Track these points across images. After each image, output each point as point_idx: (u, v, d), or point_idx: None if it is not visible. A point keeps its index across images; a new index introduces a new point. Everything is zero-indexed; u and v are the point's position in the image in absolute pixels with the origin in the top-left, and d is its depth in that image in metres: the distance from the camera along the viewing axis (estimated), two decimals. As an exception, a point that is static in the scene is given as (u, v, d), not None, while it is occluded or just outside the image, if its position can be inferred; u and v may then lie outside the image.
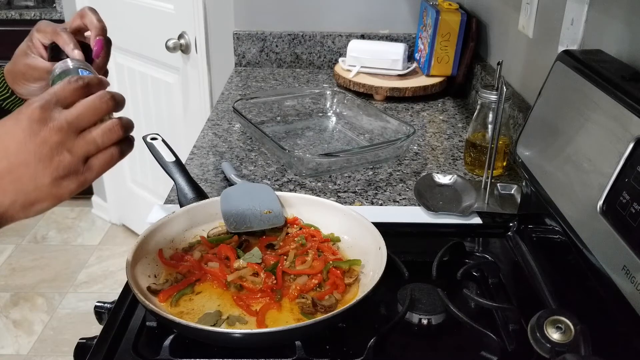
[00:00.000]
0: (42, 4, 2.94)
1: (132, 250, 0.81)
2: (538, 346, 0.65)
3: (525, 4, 1.30)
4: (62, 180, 0.57)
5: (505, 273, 0.88)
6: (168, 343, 0.75)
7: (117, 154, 0.61)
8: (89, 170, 0.59)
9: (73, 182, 0.58)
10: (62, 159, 0.57)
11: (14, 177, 0.55)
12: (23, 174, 0.55)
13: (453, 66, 1.70)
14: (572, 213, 0.75)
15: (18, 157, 0.55)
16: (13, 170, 0.55)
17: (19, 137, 0.55)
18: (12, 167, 0.55)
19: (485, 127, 1.18)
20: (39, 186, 0.56)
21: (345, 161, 1.21)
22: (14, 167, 0.55)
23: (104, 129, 0.59)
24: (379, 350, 0.72)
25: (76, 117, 0.58)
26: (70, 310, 2.51)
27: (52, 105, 0.57)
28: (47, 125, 0.56)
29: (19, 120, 0.56)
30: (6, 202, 0.56)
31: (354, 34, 1.92)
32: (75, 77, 0.61)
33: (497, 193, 1.09)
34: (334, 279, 0.81)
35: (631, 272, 0.62)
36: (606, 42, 0.94)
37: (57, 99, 0.58)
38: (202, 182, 1.16)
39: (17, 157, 0.55)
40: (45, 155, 0.56)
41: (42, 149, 0.56)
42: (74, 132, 0.58)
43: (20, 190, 0.56)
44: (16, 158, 0.55)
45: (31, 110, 0.56)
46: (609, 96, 0.72)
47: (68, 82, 0.60)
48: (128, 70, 2.47)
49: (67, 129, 0.57)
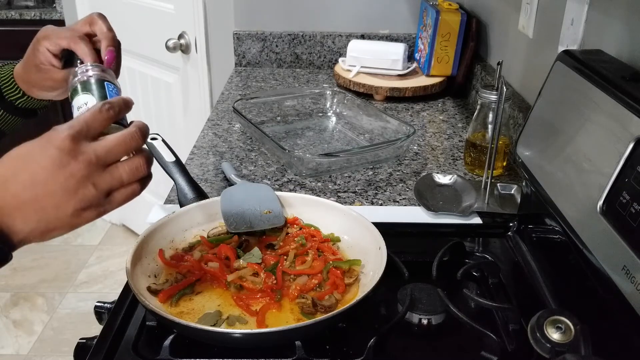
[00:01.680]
0: (42, 4, 2.94)
1: (132, 250, 0.81)
2: (538, 346, 0.65)
3: (525, 4, 1.30)
4: (84, 212, 0.58)
5: (505, 273, 0.88)
6: (168, 343, 0.75)
7: (138, 189, 0.62)
8: (109, 203, 0.60)
9: (93, 213, 0.59)
10: (87, 193, 0.57)
11: (39, 207, 0.56)
12: (47, 203, 0.56)
13: (453, 66, 1.70)
14: (572, 213, 0.75)
15: (45, 188, 0.55)
16: (39, 199, 0.55)
17: (47, 166, 0.55)
18: (37, 196, 0.55)
19: (485, 127, 1.18)
20: (61, 216, 0.57)
21: (345, 161, 1.21)
22: (40, 197, 0.56)
23: (131, 167, 0.60)
24: (379, 350, 0.72)
25: (106, 152, 0.58)
26: (70, 310, 2.51)
27: (83, 136, 0.57)
28: (77, 159, 0.56)
29: (48, 150, 0.56)
30: (27, 229, 0.56)
31: (354, 34, 1.92)
32: (107, 106, 0.60)
33: (497, 193, 1.09)
34: (334, 279, 0.81)
35: (631, 272, 0.62)
36: (606, 42, 0.94)
37: (87, 129, 0.58)
38: (202, 182, 1.16)
39: (44, 188, 0.55)
40: (71, 188, 0.56)
41: (69, 182, 0.56)
42: (102, 167, 0.58)
43: (42, 218, 0.56)
44: (43, 188, 0.55)
45: (61, 141, 0.56)
46: (609, 96, 0.72)
47: (99, 111, 0.59)
48: (128, 70, 2.47)
49: (95, 163, 0.57)
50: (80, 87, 0.71)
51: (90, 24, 0.82)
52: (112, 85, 0.72)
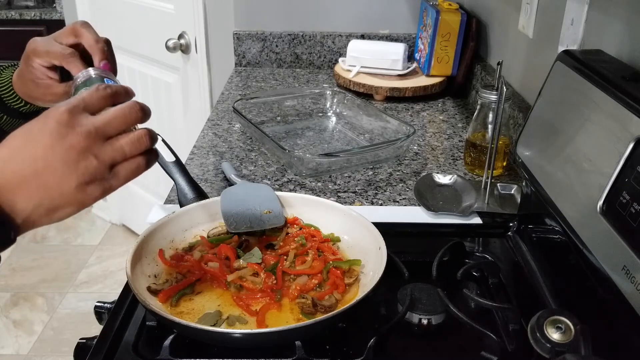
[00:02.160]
0: (42, 4, 2.94)
1: (132, 250, 0.81)
2: (538, 346, 0.65)
3: (525, 4, 1.30)
4: (87, 186, 0.56)
5: (505, 273, 0.88)
6: (168, 343, 0.75)
7: (143, 163, 0.61)
8: (114, 177, 0.59)
9: (98, 188, 0.57)
10: (89, 165, 0.56)
11: (40, 182, 0.55)
12: (49, 178, 0.55)
13: (453, 66, 1.70)
14: (572, 213, 0.75)
15: (45, 162, 0.55)
16: (39, 174, 0.55)
17: (46, 141, 0.55)
18: (38, 171, 0.55)
19: (485, 127, 1.18)
20: (64, 191, 0.56)
21: (345, 161, 1.21)
22: (41, 171, 0.55)
23: (132, 138, 0.59)
24: (379, 350, 0.72)
25: (104, 124, 0.58)
26: (70, 310, 2.51)
27: (80, 110, 0.57)
28: (75, 130, 0.55)
29: (46, 124, 0.55)
30: (30, 206, 0.55)
31: (354, 34, 1.92)
32: (104, 85, 0.60)
33: (497, 193, 1.09)
34: (334, 279, 0.81)
35: (631, 272, 0.62)
36: (606, 42, 0.94)
37: (85, 105, 0.58)
38: (202, 182, 1.16)
39: (44, 162, 0.55)
40: (72, 160, 0.55)
41: (69, 154, 0.55)
42: (102, 139, 0.57)
43: (45, 195, 0.55)
44: (43, 163, 0.55)
45: (59, 114, 0.55)
46: (609, 96, 0.72)
47: (96, 89, 0.60)
48: (128, 70, 2.47)
49: (94, 135, 0.56)
50: (81, 86, 0.70)
51: (75, 35, 0.79)
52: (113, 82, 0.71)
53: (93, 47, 0.78)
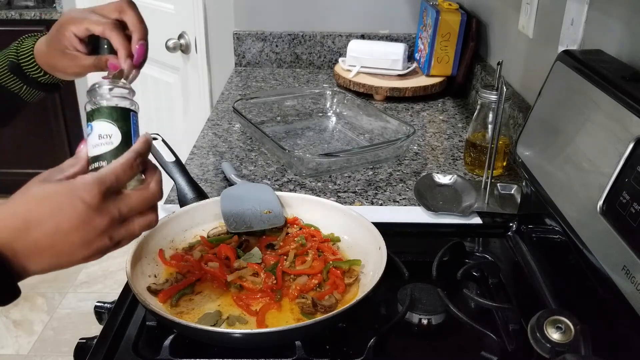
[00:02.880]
0: (42, 4, 2.94)
1: (132, 250, 0.81)
2: (538, 346, 0.65)
3: (525, 4, 1.30)
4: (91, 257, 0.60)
5: (505, 273, 0.88)
6: (168, 343, 0.75)
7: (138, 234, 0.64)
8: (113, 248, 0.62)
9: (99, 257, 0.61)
10: (102, 245, 0.59)
11: (54, 252, 0.57)
12: (63, 251, 0.57)
13: (453, 66, 1.70)
14: (572, 213, 0.75)
15: (65, 238, 0.57)
16: (56, 247, 0.57)
17: (73, 221, 0.56)
18: (56, 245, 0.57)
19: (485, 127, 1.18)
20: (72, 260, 0.59)
21: (345, 161, 1.21)
22: (59, 245, 0.57)
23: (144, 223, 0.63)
24: (379, 350, 0.72)
25: (128, 210, 0.60)
26: (70, 310, 2.51)
27: (111, 192, 0.59)
28: (102, 215, 0.58)
29: (76, 202, 0.56)
30: (38, 269, 0.58)
31: (354, 34, 1.92)
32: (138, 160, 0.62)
33: (497, 193, 1.09)
34: (334, 279, 0.81)
35: (631, 272, 0.62)
36: (606, 42, 0.94)
37: (117, 185, 0.60)
38: (202, 182, 1.16)
39: (65, 238, 0.57)
40: (90, 240, 0.58)
41: (90, 235, 0.58)
42: (121, 222, 0.60)
43: (55, 261, 0.58)
44: (63, 238, 0.57)
45: (91, 197, 0.57)
46: (609, 96, 0.72)
47: (131, 167, 0.61)
48: (128, 70, 2.47)
49: (117, 220, 0.59)
50: (106, 111, 0.65)
51: (119, 11, 0.78)
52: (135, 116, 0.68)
53: (135, 26, 0.78)
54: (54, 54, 0.83)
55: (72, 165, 0.62)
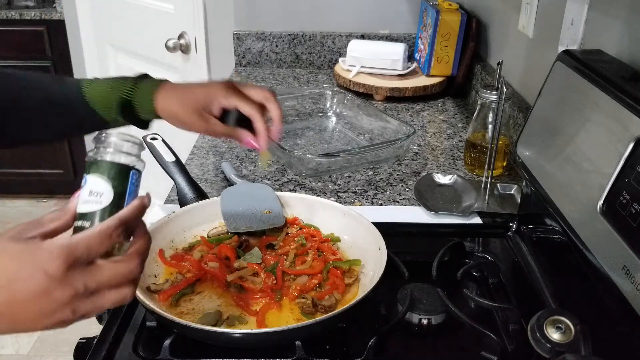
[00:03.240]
0: (42, 4, 2.94)
1: (132, 250, 0.81)
2: (538, 346, 0.65)
3: (525, 4, 1.30)
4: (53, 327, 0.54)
5: (505, 273, 0.88)
6: (168, 343, 0.75)
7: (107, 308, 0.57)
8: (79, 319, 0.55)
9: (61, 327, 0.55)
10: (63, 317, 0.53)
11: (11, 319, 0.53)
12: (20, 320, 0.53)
13: (453, 66, 1.70)
14: (572, 213, 0.75)
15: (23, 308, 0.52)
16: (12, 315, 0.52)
17: (31, 290, 0.51)
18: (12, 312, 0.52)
19: (485, 127, 1.18)
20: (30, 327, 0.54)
21: (345, 161, 1.21)
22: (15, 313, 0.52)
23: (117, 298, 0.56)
24: (379, 350, 0.72)
25: (97, 285, 0.54)
26: (70, 310, 2.51)
27: (79, 264, 0.53)
28: (64, 289, 0.52)
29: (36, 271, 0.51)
30: None
31: (354, 34, 1.92)
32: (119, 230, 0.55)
33: (497, 193, 1.09)
34: (334, 279, 0.81)
35: (631, 272, 0.62)
36: (606, 42, 0.94)
37: (87, 256, 0.53)
38: (202, 182, 1.16)
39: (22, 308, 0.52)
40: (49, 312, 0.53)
41: (49, 307, 0.52)
42: (87, 296, 0.54)
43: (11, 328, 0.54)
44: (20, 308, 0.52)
45: (55, 268, 0.51)
46: (609, 96, 0.72)
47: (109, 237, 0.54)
48: (128, 70, 2.46)
49: (82, 294, 0.53)
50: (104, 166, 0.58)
51: (266, 99, 0.85)
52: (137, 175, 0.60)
53: (275, 113, 0.86)
54: (187, 111, 0.85)
55: (53, 220, 0.56)
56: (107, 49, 2.52)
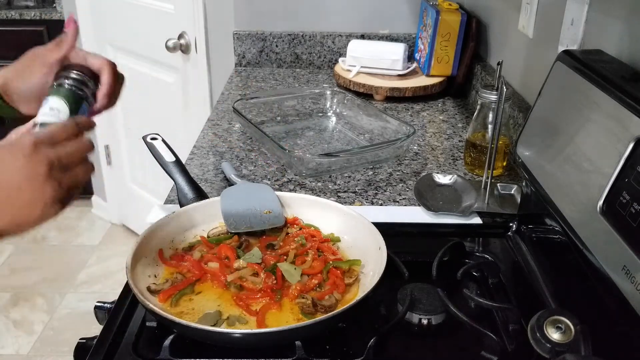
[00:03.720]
0: (42, 4, 2.93)
1: (132, 250, 0.81)
2: (538, 346, 0.65)
3: (525, 4, 1.30)
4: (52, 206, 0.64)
5: (505, 273, 0.88)
6: (168, 343, 0.75)
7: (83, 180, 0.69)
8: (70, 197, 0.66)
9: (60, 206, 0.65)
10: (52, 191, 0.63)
11: (13, 204, 0.62)
12: (18, 198, 0.62)
13: (453, 66, 1.70)
14: (572, 213, 0.75)
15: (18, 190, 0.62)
16: (10, 196, 0.62)
17: (18, 170, 0.62)
18: (11, 196, 0.62)
19: (485, 127, 1.18)
20: (31, 214, 0.63)
21: (345, 161, 1.21)
22: (14, 197, 0.62)
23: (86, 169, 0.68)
24: (379, 350, 0.72)
25: (65, 155, 0.65)
26: (70, 310, 2.51)
27: (44, 143, 0.64)
28: (41, 160, 0.62)
29: (13, 154, 0.62)
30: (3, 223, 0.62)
31: (354, 34, 1.92)
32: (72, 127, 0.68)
33: (497, 193, 1.09)
34: (334, 279, 0.81)
35: (631, 272, 0.62)
36: (606, 42, 0.94)
37: (50, 138, 0.65)
38: (202, 182, 1.16)
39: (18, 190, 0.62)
40: (39, 187, 0.62)
41: (36, 181, 0.62)
42: (62, 170, 0.64)
43: (17, 213, 0.63)
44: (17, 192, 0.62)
45: (26, 146, 0.62)
46: (609, 96, 0.72)
47: (64, 128, 0.67)
48: (128, 70, 2.45)
49: (57, 165, 0.64)
50: (64, 91, 0.76)
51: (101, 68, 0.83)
52: (86, 106, 0.78)
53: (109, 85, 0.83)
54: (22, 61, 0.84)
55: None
56: (107, 49, 2.52)
